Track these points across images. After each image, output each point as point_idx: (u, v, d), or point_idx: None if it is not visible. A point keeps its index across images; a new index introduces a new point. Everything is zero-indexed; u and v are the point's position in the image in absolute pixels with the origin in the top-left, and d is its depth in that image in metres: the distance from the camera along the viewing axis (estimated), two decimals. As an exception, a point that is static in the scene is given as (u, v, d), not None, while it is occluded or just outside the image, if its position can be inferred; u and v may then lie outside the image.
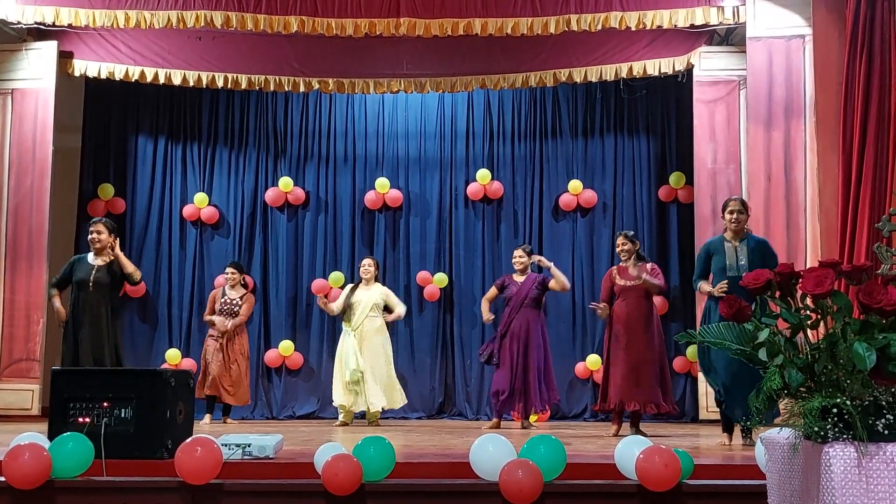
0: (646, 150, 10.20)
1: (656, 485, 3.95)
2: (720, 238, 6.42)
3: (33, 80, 8.85)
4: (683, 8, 8.19)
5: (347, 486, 3.96)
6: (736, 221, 6.29)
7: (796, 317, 2.79)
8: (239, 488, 4.13)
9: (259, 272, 10.20)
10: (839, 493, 2.46)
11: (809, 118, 7.89)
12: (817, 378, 2.68)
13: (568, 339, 9.95)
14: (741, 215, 6.30)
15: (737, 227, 6.29)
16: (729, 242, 6.31)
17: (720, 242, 6.36)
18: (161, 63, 9.29)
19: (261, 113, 10.47)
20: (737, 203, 6.39)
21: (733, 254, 6.24)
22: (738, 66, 8.69)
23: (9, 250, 8.66)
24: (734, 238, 6.31)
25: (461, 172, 10.36)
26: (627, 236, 7.43)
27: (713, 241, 6.52)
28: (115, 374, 5.12)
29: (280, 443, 4.81)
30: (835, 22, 7.64)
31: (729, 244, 6.30)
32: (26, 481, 4.00)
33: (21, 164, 8.76)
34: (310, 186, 10.38)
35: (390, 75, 9.48)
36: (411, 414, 9.80)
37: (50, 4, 8.27)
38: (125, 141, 10.37)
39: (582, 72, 9.26)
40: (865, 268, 2.78)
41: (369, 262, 8.76)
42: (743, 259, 6.19)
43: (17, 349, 8.55)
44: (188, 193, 10.30)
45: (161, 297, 10.13)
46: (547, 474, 3.97)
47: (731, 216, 6.31)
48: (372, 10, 8.22)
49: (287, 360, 9.98)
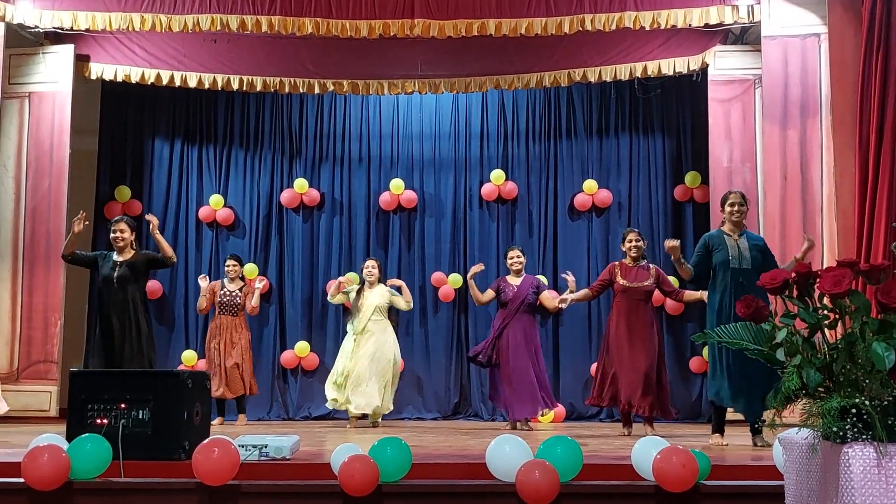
0: (661, 149, 10.18)
1: (674, 485, 3.94)
2: (719, 232, 6.36)
3: (50, 84, 8.92)
4: (698, 7, 8.16)
5: (364, 487, 3.96)
6: (738, 213, 6.25)
7: (814, 316, 2.78)
8: (256, 489, 4.14)
9: (275, 273, 10.23)
10: (858, 493, 2.45)
11: (825, 117, 7.85)
12: (836, 378, 2.67)
13: (582, 340, 9.93)
14: (742, 207, 6.27)
15: (738, 219, 6.25)
16: (729, 236, 6.26)
17: (720, 236, 6.31)
18: (176, 66, 9.34)
19: (276, 115, 10.50)
20: (737, 195, 6.34)
21: (735, 246, 6.20)
22: (753, 65, 8.65)
23: (26, 252, 8.71)
24: (734, 231, 6.27)
25: (475, 173, 10.36)
26: (641, 234, 7.43)
27: (712, 235, 6.42)
28: (133, 376, 5.15)
29: (296, 444, 4.82)
30: (850, 20, 7.61)
31: (729, 237, 6.25)
32: (45, 483, 4.03)
33: (38, 166, 8.82)
34: (325, 188, 10.41)
35: (404, 76, 9.50)
36: (427, 414, 9.81)
37: (67, 9, 8.33)
38: (141, 143, 10.42)
39: (596, 71, 9.25)
40: (883, 267, 2.77)
41: (373, 265, 8.72)
42: (746, 252, 6.16)
43: (34, 351, 8.60)
44: (204, 195, 10.34)
45: (177, 299, 10.18)
46: (563, 475, 3.96)
47: (732, 208, 6.26)
48: (386, 12, 8.23)
49: (303, 360, 10.00)
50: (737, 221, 6.27)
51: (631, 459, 4.17)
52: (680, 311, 9.57)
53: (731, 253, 6.19)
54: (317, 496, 4.12)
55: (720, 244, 6.25)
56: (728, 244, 6.22)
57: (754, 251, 6.18)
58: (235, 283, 8.90)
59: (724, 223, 6.35)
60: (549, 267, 9.92)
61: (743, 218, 6.30)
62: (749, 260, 6.12)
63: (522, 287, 8.16)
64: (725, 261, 6.19)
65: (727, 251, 6.20)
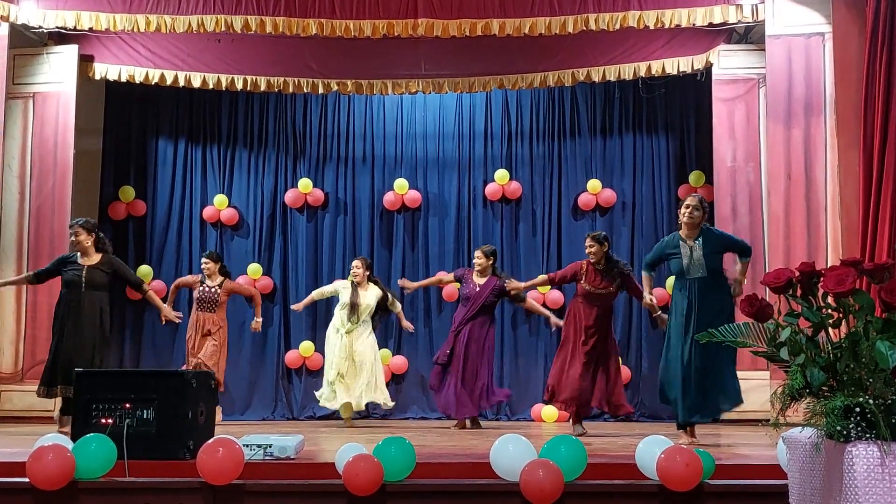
0: (665, 148, 10.17)
1: (678, 485, 3.94)
2: (675, 237, 6.31)
3: (54, 84, 8.94)
4: (702, 6, 8.15)
5: (368, 487, 3.97)
6: (690, 216, 6.17)
7: (818, 315, 2.78)
8: (260, 489, 4.15)
9: (279, 273, 10.24)
10: (862, 492, 2.45)
11: (830, 116, 7.84)
12: (839, 377, 2.67)
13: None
14: (696, 211, 6.18)
15: (689, 221, 6.18)
16: (684, 242, 6.21)
17: (675, 243, 6.26)
18: (181, 66, 9.34)
19: (280, 114, 10.52)
20: (694, 199, 6.27)
21: (689, 254, 6.16)
22: (757, 65, 8.65)
23: (31, 252, 8.73)
24: (689, 236, 6.21)
25: (479, 173, 10.37)
26: (596, 238, 7.32)
27: (669, 240, 6.39)
28: (137, 376, 5.16)
29: (301, 443, 4.83)
30: (855, 19, 7.59)
31: (684, 243, 6.20)
32: (50, 482, 4.04)
33: (43, 166, 8.83)
34: (329, 187, 10.41)
35: (408, 76, 9.50)
36: (430, 414, 9.81)
37: (71, 9, 8.34)
38: (145, 143, 10.44)
39: (600, 71, 9.24)
40: (887, 266, 2.77)
41: (357, 264, 8.68)
42: (699, 260, 6.11)
43: (39, 351, 8.59)
44: (208, 195, 10.36)
45: (181, 299, 10.15)
46: (567, 474, 3.96)
47: (687, 210, 6.19)
48: (390, 12, 8.23)
49: (307, 360, 10.01)
50: (688, 223, 6.20)
51: (635, 459, 4.17)
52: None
53: (684, 262, 6.16)
54: (321, 496, 4.12)
55: (675, 252, 6.23)
56: (682, 252, 6.18)
57: (710, 257, 6.12)
58: (213, 280, 8.91)
59: (681, 227, 6.28)
60: (552, 266, 9.90)
61: (696, 221, 6.18)
62: (703, 267, 6.09)
63: (484, 287, 8.19)
64: (680, 270, 6.18)
65: (681, 259, 6.18)
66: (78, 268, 7.06)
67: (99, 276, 7.05)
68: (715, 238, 6.29)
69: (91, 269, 7.04)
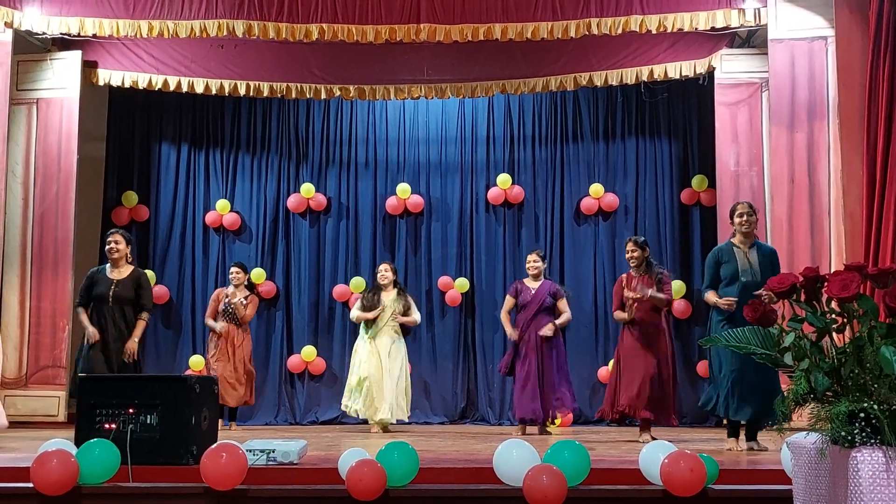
0: (667, 153, 10.17)
1: (682, 490, 3.93)
2: (728, 244, 6.34)
3: (58, 90, 8.94)
4: (704, 10, 8.14)
5: (371, 492, 3.96)
6: (747, 224, 6.22)
7: (822, 320, 2.78)
8: (264, 494, 4.15)
9: (281, 278, 10.25)
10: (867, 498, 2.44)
11: (833, 120, 7.83)
12: (844, 382, 2.67)
13: (590, 344, 9.92)
14: (751, 217, 6.25)
15: (748, 230, 6.22)
16: (739, 248, 6.24)
17: (729, 249, 6.28)
18: (184, 72, 9.35)
19: (282, 120, 10.53)
20: (745, 206, 6.33)
21: (745, 259, 6.18)
22: (759, 69, 8.64)
23: (35, 258, 8.74)
24: (744, 243, 6.25)
25: (482, 177, 10.37)
26: (637, 242, 7.33)
27: (722, 247, 6.41)
28: (141, 381, 5.16)
29: (304, 448, 4.83)
30: (858, 23, 7.59)
31: (739, 250, 6.23)
32: (54, 487, 4.04)
33: (46, 172, 8.84)
34: (331, 192, 10.42)
35: (411, 81, 9.50)
36: (434, 419, 9.81)
37: (74, 15, 8.35)
38: (149, 149, 10.45)
39: (602, 75, 9.24)
40: (891, 271, 2.77)
41: (385, 268, 8.74)
42: (756, 266, 6.12)
43: (43, 356, 8.62)
44: (211, 200, 10.37)
45: (184, 304, 10.20)
46: (571, 479, 3.96)
47: (741, 219, 6.24)
48: (392, 17, 8.23)
49: (310, 365, 10.01)
50: (746, 232, 6.25)
51: (639, 464, 4.17)
52: (688, 314, 9.56)
53: (741, 265, 6.16)
54: (324, 501, 4.13)
55: (730, 257, 6.23)
56: (738, 256, 6.20)
57: (765, 264, 6.14)
58: (241, 291, 8.89)
59: (735, 234, 6.32)
60: (555, 271, 9.90)
61: (752, 228, 6.27)
62: (759, 273, 6.06)
63: (540, 291, 8.13)
64: (735, 273, 6.16)
65: (737, 263, 6.18)
66: (107, 282, 6.89)
67: (126, 292, 6.88)
68: (767, 249, 6.35)
69: (120, 283, 6.88)
